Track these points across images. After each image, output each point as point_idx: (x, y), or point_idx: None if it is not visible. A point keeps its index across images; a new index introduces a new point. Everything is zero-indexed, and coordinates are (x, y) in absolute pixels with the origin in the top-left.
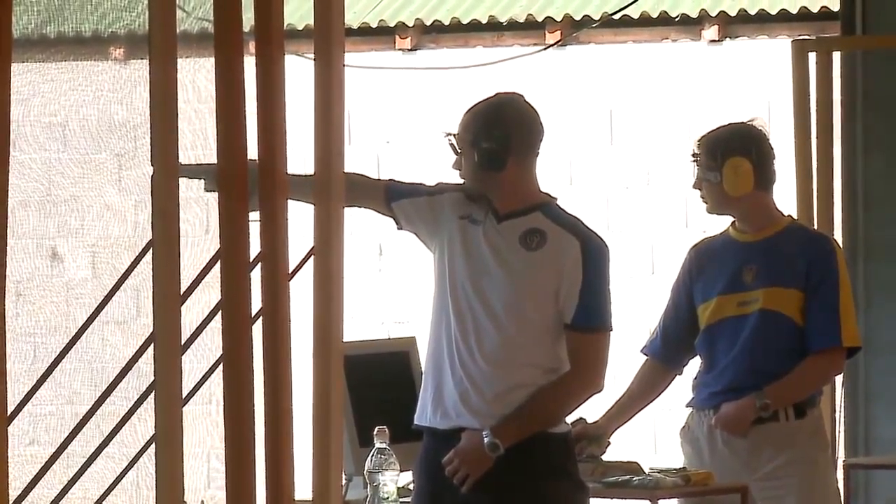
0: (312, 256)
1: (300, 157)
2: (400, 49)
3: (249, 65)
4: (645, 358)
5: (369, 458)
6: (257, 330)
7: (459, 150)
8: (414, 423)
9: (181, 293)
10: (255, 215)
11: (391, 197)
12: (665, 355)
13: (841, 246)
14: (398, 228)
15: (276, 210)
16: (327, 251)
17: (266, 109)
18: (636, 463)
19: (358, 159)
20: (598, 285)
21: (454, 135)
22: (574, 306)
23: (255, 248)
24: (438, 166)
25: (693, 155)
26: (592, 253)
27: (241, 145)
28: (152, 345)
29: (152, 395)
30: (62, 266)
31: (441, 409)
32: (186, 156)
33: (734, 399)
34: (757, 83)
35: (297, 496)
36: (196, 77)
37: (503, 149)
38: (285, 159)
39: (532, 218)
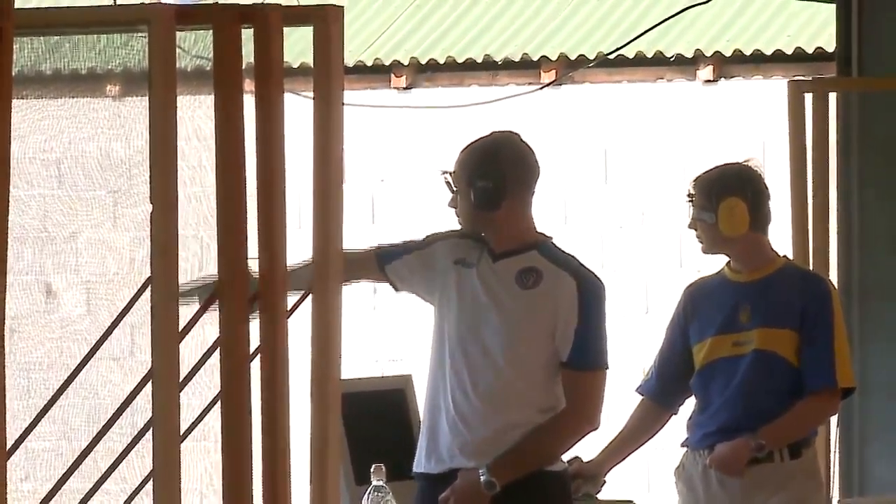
0: (310, 294)
1: (297, 194)
2: (395, 87)
3: (248, 102)
4: (640, 398)
5: (366, 497)
6: (255, 367)
7: (455, 189)
8: (413, 471)
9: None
10: (253, 253)
11: (382, 261)
12: (660, 395)
13: (836, 286)
14: (396, 291)
15: (275, 248)
16: (325, 289)
17: (265, 146)
18: (631, 502)
19: (353, 198)
20: (594, 323)
21: (450, 173)
22: (570, 344)
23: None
24: (433, 205)
25: (688, 195)
26: (588, 291)
27: (240, 182)
28: (150, 381)
29: (150, 431)
30: (56, 302)
31: (435, 455)
32: (185, 193)
33: (729, 439)
34: (752, 123)
35: None
36: (195, 114)
37: (499, 188)
38: (284, 199)
39: (528, 257)
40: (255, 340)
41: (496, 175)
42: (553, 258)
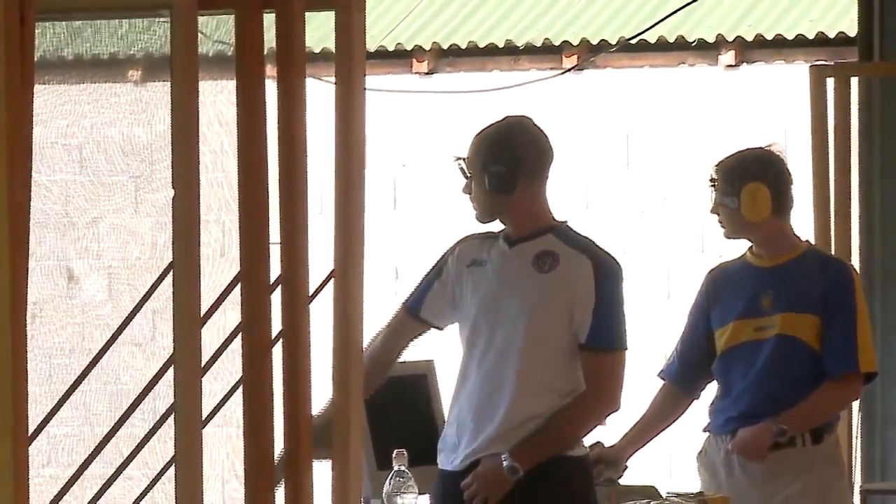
0: (332, 279)
1: (318, 179)
2: (417, 72)
3: (270, 87)
4: (662, 382)
5: (388, 481)
6: (277, 352)
7: (469, 175)
8: (439, 468)
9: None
10: (275, 237)
11: (414, 310)
12: (682, 380)
13: (858, 271)
14: (441, 329)
15: (297, 233)
16: (347, 274)
17: (287, 131)
18: (653, 487)
19: (374, 183)
20: (611, 305)
21: (464, 159)
22: (588, 326)
23: (275, 270)
24: (455, 190)
25: (711, 180)
26: (605, 273)
27: (261, 167)
28: (172, 367)
29: (172, 416)
30: (78, 287)
31: (460, 449)
32: (207, 178)
33: (751, 424)
34: (774, 108)
35: None
36: (216, 99)
37: (513, 172)
38: (305, 184)
39: (544, 240)
40: (276, 325)
41: (510, 159)
42: (569, 241)
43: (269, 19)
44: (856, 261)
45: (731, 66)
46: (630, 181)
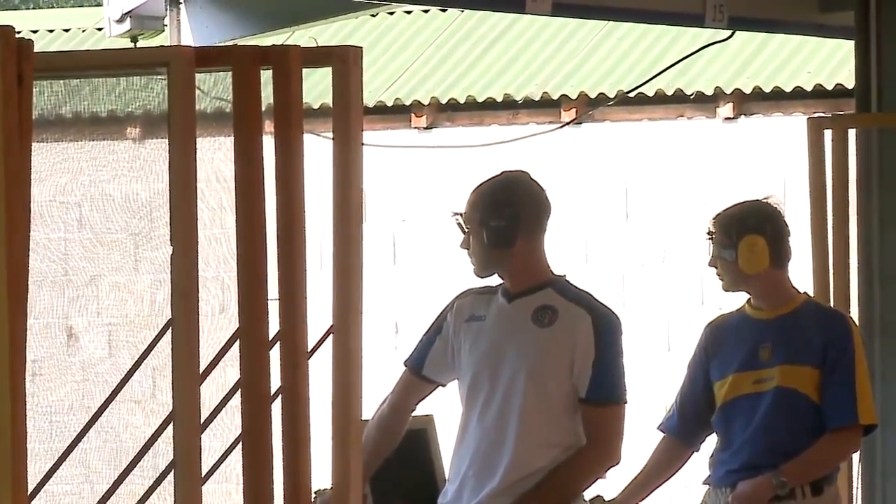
0: (331, 335)
1: (317, 235)
2: (416, 127)
3: (268, 143)
4: (662, 435)
5: None
6: (276, 408)
7: (467, 230)
8: None
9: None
10: (273, 293)
11: (416, 369)
12: (682, 432)
13: (857, 322)
14: (444, 386)
15: (296, 289)
16: (346, 329)
17: (285, 187)
18: None
19: (374, 238)
20: (610, 358)
21: (461, 214)
22: (588, 380)
23: (274, 326)
24: (453, 245)
25: (708, 233)
26: (604, 326)
27: (260, 223)
28: (171, 423)
29: (172, 473)
30: (78, 345)
31: (462, 502)
32: (205, 235)
33: (751, 477)
34: (772, 160)
35: None
36: (214, 155)
37: (512, 226)
38: (304, 239)
39: (543, 295)
40: (276, 381)
41: (509, 214)
42: (568, 295)
43: (266, 75)
44: (855, 312)
45: (729, 118)
46: (629, 234)
